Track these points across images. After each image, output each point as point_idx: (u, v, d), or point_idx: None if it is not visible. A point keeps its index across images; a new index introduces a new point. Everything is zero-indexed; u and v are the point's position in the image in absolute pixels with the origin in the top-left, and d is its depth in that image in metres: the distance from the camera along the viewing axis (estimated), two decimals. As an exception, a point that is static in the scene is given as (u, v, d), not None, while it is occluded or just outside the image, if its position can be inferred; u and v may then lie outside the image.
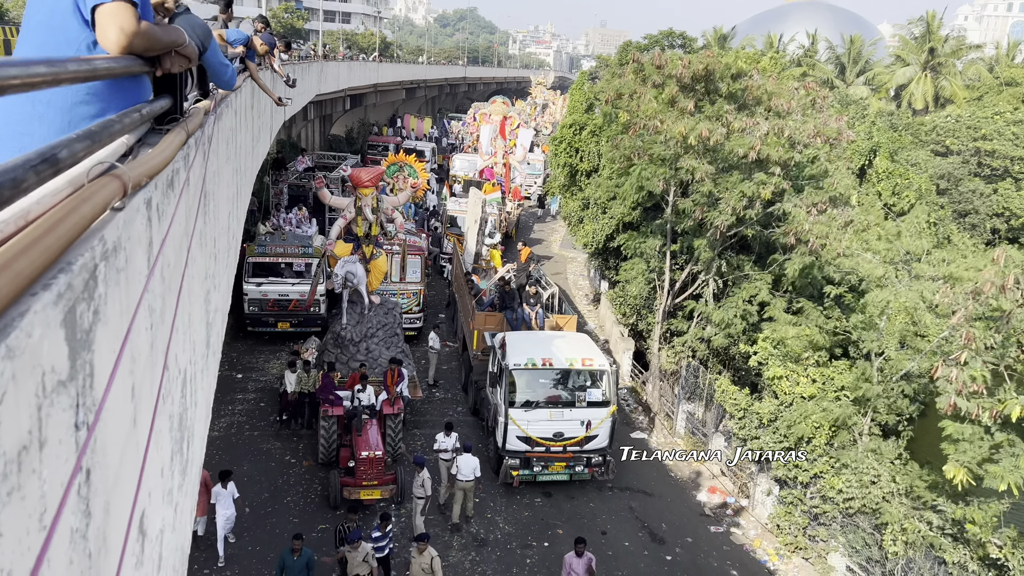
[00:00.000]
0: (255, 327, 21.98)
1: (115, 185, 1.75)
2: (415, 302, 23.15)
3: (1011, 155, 33.48)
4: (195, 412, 3.42)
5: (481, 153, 40.86)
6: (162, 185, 2.42)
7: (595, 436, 16.05)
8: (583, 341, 17.63)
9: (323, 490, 15.43)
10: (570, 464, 16.12)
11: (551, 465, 16.10)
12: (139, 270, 1.95)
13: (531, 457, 15.94)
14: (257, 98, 10.68)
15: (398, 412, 16.30)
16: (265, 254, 21.83)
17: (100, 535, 1.53)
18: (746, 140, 17.58)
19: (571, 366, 16.13)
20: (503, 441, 15.92)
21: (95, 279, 1.50)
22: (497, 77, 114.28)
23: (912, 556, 13.41)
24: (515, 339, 16.91)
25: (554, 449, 15.96)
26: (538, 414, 15.82)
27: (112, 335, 1.62)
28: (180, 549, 2.95)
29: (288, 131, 38.27)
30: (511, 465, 15.89)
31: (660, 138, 18.91)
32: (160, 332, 2.33)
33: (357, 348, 18.23)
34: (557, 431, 15.84)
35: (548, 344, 16.93)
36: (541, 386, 16.14)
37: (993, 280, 11.94)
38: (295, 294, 21.71)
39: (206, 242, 3.99)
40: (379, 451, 14.66)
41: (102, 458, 1.55)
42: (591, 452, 16.14)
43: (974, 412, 12.04)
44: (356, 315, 18.49)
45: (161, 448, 2.42)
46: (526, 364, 15.84)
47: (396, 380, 16.65)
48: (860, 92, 50.16)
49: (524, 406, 15.82)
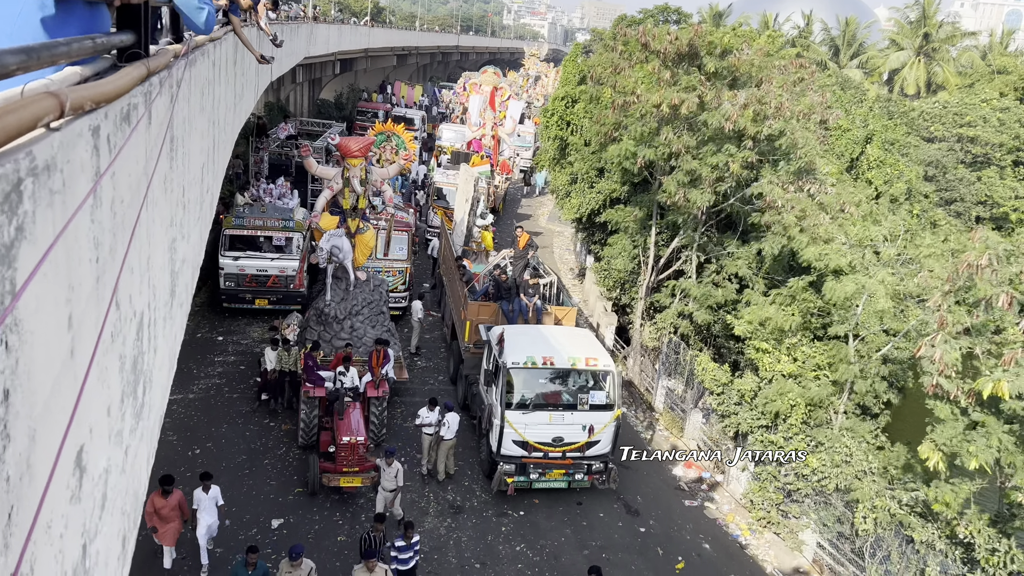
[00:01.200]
0: (231, 303, 20.99)
1: (50, 102, 1.67)
2: (401, 280, 22.28)
3: (993, 141, 33.59)
4: (153, 358, 3.36)
5: (470, 124, 40.41)
6: (114, 116, 2.34)
7: (597, 441, 14.96)
8: (586, 338, 16.65)
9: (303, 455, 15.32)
10: (569, 471, 14.98)
11: (549, 472, 14.90)
12: (79, 197, 1.87)
13: (528, 463, 14.76)
14: (241, 54, 10.48)
15: (383, 395, 15.66)
16: (243, 226, 20.68)
17: (22, 460, 1.48)
18: (722, 111, 17.27)
19: (574, 366, 15.00)
20: (498, 445, 14.69)
21: (19, 194, 1.44)
22: (490, 47, 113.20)
23: (881, 534, 13.60)
24: (514, 335, 15.62)
25: (553, 455, 14.81)
26: (537, 417, 14.68)
27: (40, 257, 1.56)
28: (132, 493, 2.91)
29: (277, 93, 37.78)
30: (506, 471, 14.67)
31: (637, 112, 18.78)
32: (108, 267, 2.26)
33: (341, 326, 17.49)
34: (557, 436, 14.73)
35: (549, 341, 15.79)
36: (541, 387, 15.05)
37: (970, 261, 11.98)
38: (274, 270, 20.76)
39: (172, 188, 3.90)
40: (361, 436, 13.85)
41: (25, 382, 1.49)
42: (592, 459, 15.06)
43: (952, 393, 12.14)
44: (341, 291, 17.75)
45: (109, 387, 2.36)
46: (525, 363, 14.72)
47: (382, 361, 15.96)
48: (853, 75, 50.05)
49: (522, 408, 14.68)
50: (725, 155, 17.62)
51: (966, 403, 12.52)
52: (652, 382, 21.21)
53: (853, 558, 14.15)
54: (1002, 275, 12.11)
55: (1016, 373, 11.61)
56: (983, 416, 12.66)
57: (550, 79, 67.62)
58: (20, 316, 1.45)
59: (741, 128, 17.36)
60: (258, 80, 15.50)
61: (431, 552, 13.30)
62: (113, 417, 2.42)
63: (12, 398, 1.41)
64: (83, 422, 1.96)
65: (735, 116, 17.09)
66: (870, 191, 26.73)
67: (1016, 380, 11.55)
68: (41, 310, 1.59)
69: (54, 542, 1.70)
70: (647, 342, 21.77)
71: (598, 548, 14.11)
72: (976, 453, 12.13)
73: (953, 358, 12.11)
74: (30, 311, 1.51)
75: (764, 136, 17.78)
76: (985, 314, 12.40)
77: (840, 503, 14.55)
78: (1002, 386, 11.59)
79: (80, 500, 1.96)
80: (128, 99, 2.55)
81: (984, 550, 12.24)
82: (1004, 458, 12.21)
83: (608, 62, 20.38)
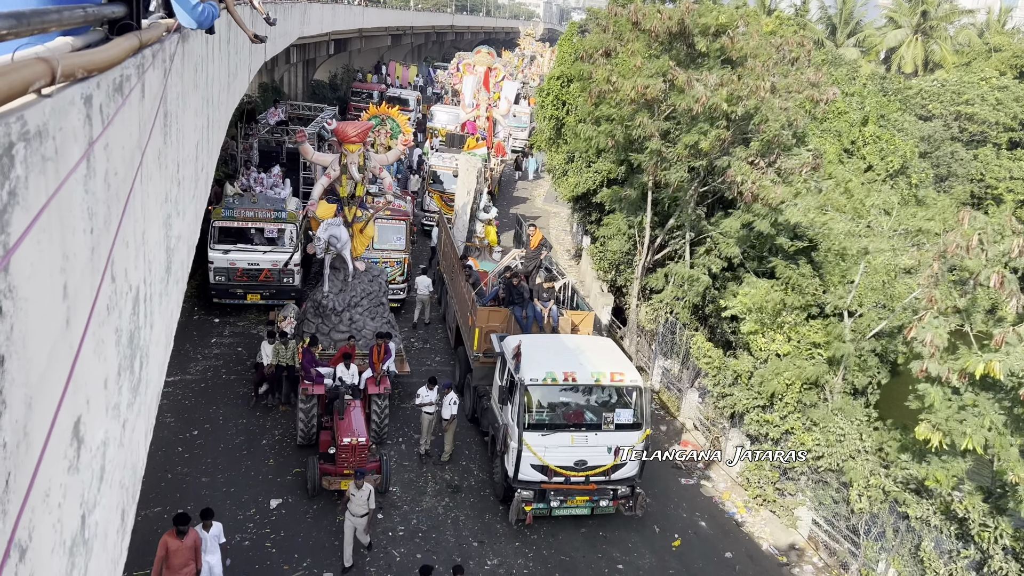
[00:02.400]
0: (221, 299, 19.98)
1: (41, 67, 1.65)
2: (399, 271, 21.47)
3: (990, 120, 33.57)
4: (150, 334, 3.35)
5: (463, 106, 40.05)
6: (107, 86, 2.32)
7: (623, 464, 13.70)
8: (610, 349, 15.14)
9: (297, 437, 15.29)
10: (594, 497, 13.69)
11: (571, 498, 13.60)
12: (71, 165, 1.86)
13: (548, 489, 13.44)
14: (234, 32, 10.39)
15: (384, 392, 15.06)
16: (233, 218, 19.66)
17: (19, 428, 1.47)
18: (692, 93, 17.04)
19: (598, 382, 13.64)
20: (515, 470, 13.38)
21: (11, 158, 1.42)
22: (485, 27, 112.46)
23: (876, 512, 13.70)
24: (531, 347, 14.15)
25: (575, 480, 13.53)
26: (557, 439, 13.35)
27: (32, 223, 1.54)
28: (131, 467, 2.91)
29: (271, 74, 37.53)
30: (524, 498, 13.34)
31: (613, 100, 18.66)
32: (103, 239, 2.24)
33: (340, 318, 16.73)
34: (580, 459, 13.44)
35: (570, 354, 14.43)
36: (562, 405, 13.81)
37: (959, 241, 11.98)
38: (267, 263, 19.76)
39: (167, 163, 3.87)
40: (363, 437, 13.21)
41: (21, 349, 1.48)
42: (618, 483, 13.79)
43: (944, 375, 12.17)
44: (339, 282, 16.96)
45: (105, 359, 2.35)
46: (544, 379, 13.37)
47: (383, 356, 15.29)
48: (850, 54, 49.84)
49: (541, 429, 13.34)
50: (696, 134, 17.56)
51: (958, 383, 12.57)
52: (648, 362, 21.27)
53: (848, 535, 14.28)
54: (992, 253, 12.11)
55: (1007, 352, 11.65)
56: (973, 397, 12.72)
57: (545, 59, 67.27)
58: (15, 282, 1.44)
59: (713, 107, 17.14)
60: (251, 60, 15.39)
61: (429, 531, 13.39)
62: (110, 390, 2.41)
63: (8, 364, 1.40)
64: (80, 393, 1.96)
65: (704, 98, 16.88)
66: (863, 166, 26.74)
67: (1007, 360, 11.59)
68: (35, 278, 1.58)
69: (52, 511, 1.70)
70: (643, 323, 21.82)
71: (595, 525, 14.20)
72: (970, 434, 12.19)
73: (941, 338, 12.14)
74: (24, 277, 1.49)
75: (739, 115, 17.59)
76: (973, 292, 12.43)
77: (835, 481, 14.65)
78: (994, 366, 11.63)
79: (78, 471, 1.96)
80: (120, 70, 2.52)
81: (978, 524, 12.35)
82: (992, 440, 12.27)
83: (598, 43, 20.22)
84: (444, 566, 12.47)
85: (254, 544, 12.50)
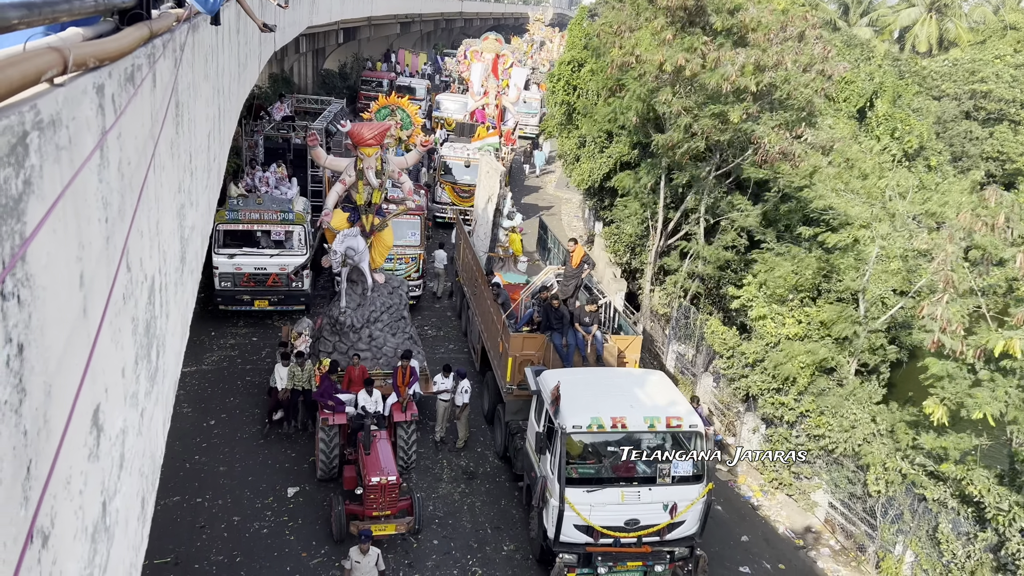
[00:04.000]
0: (228, 305, 18.91)
1: (52, 57, 1.65)
2: (414, 267, 20.64)
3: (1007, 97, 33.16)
4: (166, 323, 3.37)
5: (472, 93, 39.78)
6: (118, 76, 2.32)
7: (681, 522, 11.75)
8: (663, 387, 12.94)
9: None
10: (648, 562, 11.71)
11: (621, 563, 11.66)
12: (85, 154, 1.86)
13: (593, 552, 11.51)
14: (243, 23, 10.39)
15: (411, 419, 13.91)
16: (238, 220, 18.60)
17: (39, 415, 1.48)
18: (721, 71, 17.10)
19: (652, 428, 11.68)
20: (556, 531, 11.42)
21: (25, 147, 1.42)
22: (495, 12, 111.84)
23: (893, 494, 13.67)
24: (572, 386, 12.17)
25: (626, 541, 11.56)
26: (605, 495, 11.47)
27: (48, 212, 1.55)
28: (150, 456, 2.93)
29: (280, 64, 37.51)
30: (567, 562, 11.44)
31: (635, 72, 18.63)
32: (118, 228, 2.25)
33: (358, 335, 15.55)
34: (631, 518, 11.49)
35: (618, 393, 12.54)
36: (610, 456, 11.89)
37: (985, 220, 11.86)
38: (274, 267, 18.70)
39: (179, 153, 3.88)
40: (392, 476, 11.85)
41: (39, 337, 1.49)
42: (675, 543, 11.80)
43: (959, 350, 12.10)
44: (357, 297, 15.75)
45: (122, 348, 2.37)
46: (590, 426, 11.49)
47: (408, 380, 14.17)
48: (863, 34, 49.26)
49: (586, 484, 11.53)
50: (721, 106, 17.60)
51: (973, 359, 12.49)
52: (662, 347, 21.24)
53: (865, 517, 14.25)
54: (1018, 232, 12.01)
55: (1027, 331, 11.58)
56: (989, 373, 12.65)
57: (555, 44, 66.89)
58: (32, 271, 1.45)
59: (742, 87, 17.24)
60: (261, 50, 15.38)
61: (445, 517, 13.46)
62: (128, 379, 2.43)
63: (27, 352, 1.41)
64: (98, 381, 1.97)
65: (734, 77, 16.95)
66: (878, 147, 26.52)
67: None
68: (52, 267, 1.59)
69: (74, 498, 1.72)
70: (657, 308, 21.77)
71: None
72: (982, 404, 12.11)
73: (958, 316, 12.06)
74: (41, 266, 1.50)
75: (765, 85, 17.61)
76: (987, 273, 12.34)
77: (851, 464, 14.62)
78: (1014, 343, 11.55)
79: (98, 458, 1.98)
80: (132, 59, 2.52)
81: (993, 508, 12.30)
82: (1009, 413, 12.20)
83: (613, 21, 20.20)
84: (461, 552, 12.55)
85: (272, 532, 12.62)
